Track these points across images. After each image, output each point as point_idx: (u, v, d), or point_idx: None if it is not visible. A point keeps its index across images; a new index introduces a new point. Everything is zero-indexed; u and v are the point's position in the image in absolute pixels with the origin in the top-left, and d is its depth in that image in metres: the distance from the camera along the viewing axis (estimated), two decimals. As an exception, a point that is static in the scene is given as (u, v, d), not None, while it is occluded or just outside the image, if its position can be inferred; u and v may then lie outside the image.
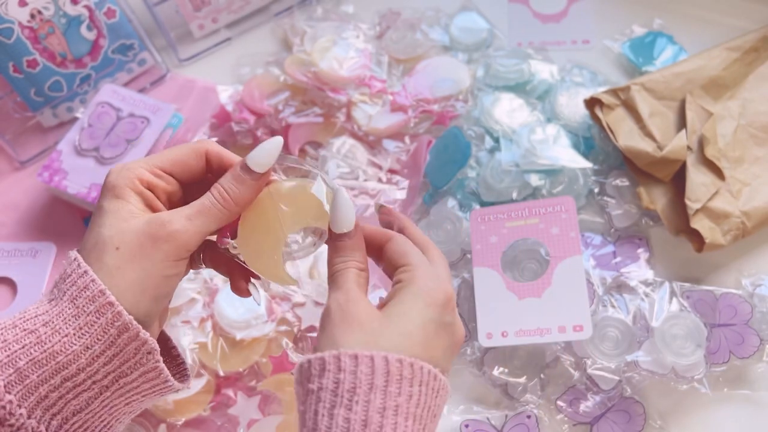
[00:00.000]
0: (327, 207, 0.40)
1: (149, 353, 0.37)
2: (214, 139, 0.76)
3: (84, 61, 0.76)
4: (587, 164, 0.66)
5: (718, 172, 0.64)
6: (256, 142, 0.74)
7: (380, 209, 0.44)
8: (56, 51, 0.74)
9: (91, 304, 0.35)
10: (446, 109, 0.73)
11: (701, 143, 0.64)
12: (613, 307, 0.60)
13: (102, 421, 0.38)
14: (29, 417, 0.34)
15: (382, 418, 0.32)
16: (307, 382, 0.34)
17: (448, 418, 0.59)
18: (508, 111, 0.71)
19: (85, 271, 0.36)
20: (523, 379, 0.59)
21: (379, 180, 0.70)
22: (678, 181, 0.64)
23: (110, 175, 0.39)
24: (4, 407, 0.34)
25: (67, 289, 0.36)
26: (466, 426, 0.57)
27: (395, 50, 0.79)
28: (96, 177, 0.69)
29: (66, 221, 0.73)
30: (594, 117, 0.68)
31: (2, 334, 0.35)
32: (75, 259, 0.37)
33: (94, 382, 0.36)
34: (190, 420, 0.59)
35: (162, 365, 0.38)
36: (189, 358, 0.59)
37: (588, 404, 0.58)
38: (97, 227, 0.38)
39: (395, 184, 0.70)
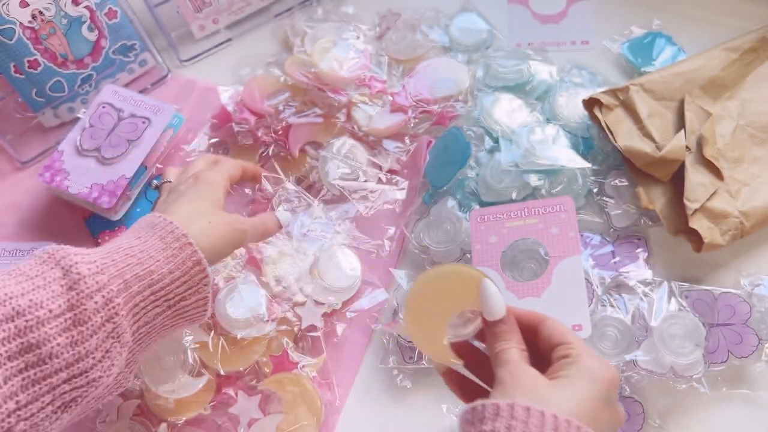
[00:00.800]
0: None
1: (206, 285, 0.50)
2: (215, 140, 0.76)
3: (85, 62, 0.77)
4: (586, 164, 0.66)
5: (716, 172, 0.64)
6: (257, 142, 0.74)
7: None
8: (57, 51, 0.74)
9: (176, 242, 0.48)
10: (446, 110, 0.73)
11: (700, 143, 0.65)
12: (612, 306, 0.60)
13: (152, 337, 0.48)
14: (125, 318, 0.44)
15: None
16: (480, 424, 0.36)
17: (447, 418, 0.59)
18: (507, 111, 0.71)
19: (171, 222, 0.49)
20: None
21: (379, 180, 0.71)
22: (677, 181, 0.64)
23: (208, 176, 0.57)
24: (113, 308, 0.43)
25: (156, 232, 0.49)
26: (466, 425, 0.57)
27: (395, 51, 0.80)
28: (97, 177, 0.69)
29: (67, 221, 0.73)
30: (593, 117, 0.68)
31: (110, 255, 0.46)
32: (160, 215, 0.50)
33: (165, 300, 0.47)
34: (190, 419, 0.59)
35: (209, 294, 0.50)
36: (190, 357, 0.60)
37: (587, 403, 0.58)
38: (197, 202, 0.54)
39: (395, 184, 0.70)
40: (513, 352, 0.41)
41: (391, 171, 0.72)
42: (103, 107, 0.73)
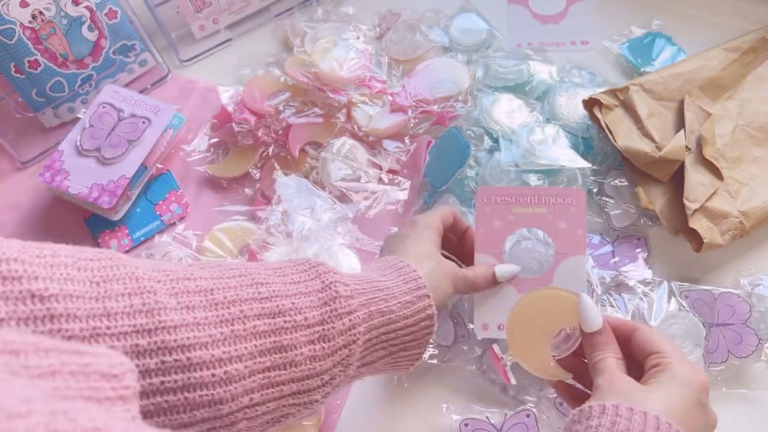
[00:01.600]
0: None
1: (427, 341, 0.49)
2: (215, 140, 0.76)
3: (85, 62, 0.77)
4: (586, 164, 0.66)
5: (716, 173, 0.64)
6: (257, 142, 0.74)
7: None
8: (58, 52, 0.74)
9: (417, 291, 0.48)
10: (446, 110, 0.73)
11: (700, 143, 0.65)
12: (612, 306, 0.60)
13: (352, 379, 0.47)
14: (359, 347, 0.44)
15: None
16: (587, 420, 0.39)
17: (447, 417, 0.59)
18: (507, 111, 0.71)
19: (414, 270, 0.49)
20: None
21: (381, 181, 0.71)
22: (676, 181, 0.64)
23: (427, 218, 0.56)
24: (355, 334, 0.43)
25: (400, 274, 0.49)
26: (466, 425, 0.57)
27: (395, 51, 0.80)
28: (97, 177, 0.69)
29: (67, 221, 0.73)
30: (593, 117, 0.68)
31: (361, 283, 0.46)
32: (402, 260, 0.50)
33: (392, 345, 0.47)
34: (191, 419, 0.59)
35: (425, 350, 0.50)
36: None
37: (587, 403, 0.58)
38: (425, 244, 0.53)
39: (397, 184, 0.70)
40: (610, 361, 0.44)
41: (391, 171, 0.72)
42: (104, 107, 0.73)
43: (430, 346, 0.60)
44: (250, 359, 0.38)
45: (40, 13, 0.71)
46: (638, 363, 0.44)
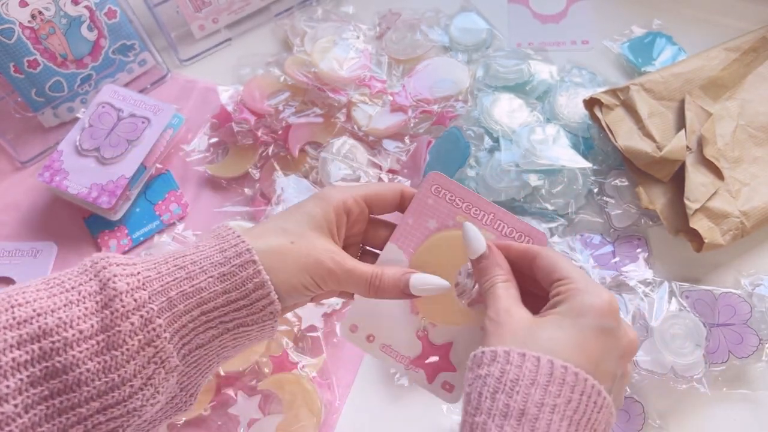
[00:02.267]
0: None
1: (272, 313, 0.41)
2: (214, 139, 0.76)
3: (85, 62, 0.77)
4: (587, 164, 0.66)
5: (717, 172, 0.64)
6: (257, 142, 0.74)
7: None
8: (57, 51, 0.74)
9: (237, 258, 0.40)
10: (446, 110, 0.73)
11: (700, 143, 0.65)
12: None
13: (211, 361, 0.42)
14: (169, 342, 0.38)
15: (539, 411, 0.34)
16: (477, 368, 0.36)
17: (447, 418, 0.59)
18: (507, 111, 0.71)
19: (238, 235, 0.41)
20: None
21: (380, 181, 0.71)
22: (677, 181, 0.64)
23: (328, 190, 0.44)
24: (154, 329, 0.37)
25: (218, 243, 0.41)
26: (466, 425, 0.57)
27: (395, 51, 0.79)
28: (96, 177, 0.69)
29: (67, 221, 0.73)
30: (593, 117, 0.68)
31: (156, 267, 0.40)
32: (230, 228, 0.42)
33: (221, 322, 0.40)
34: (190, 419, 0.59)
35: (276, 326, 0.42)
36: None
37: (587, 403, 0.58)
38: (286, 218, 0.43)
39: (395, 184, 0.70)
40: (496, 289, 0.40)
41: (391, 171, 0.72)
42: (103, 107, 0.73)
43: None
44: (19, 395, 0.34)
45: (40, 12, 0.71)
46: (546, 291, 0.40)
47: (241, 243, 0.40)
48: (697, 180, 0.63)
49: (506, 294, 0.40)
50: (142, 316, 0.37)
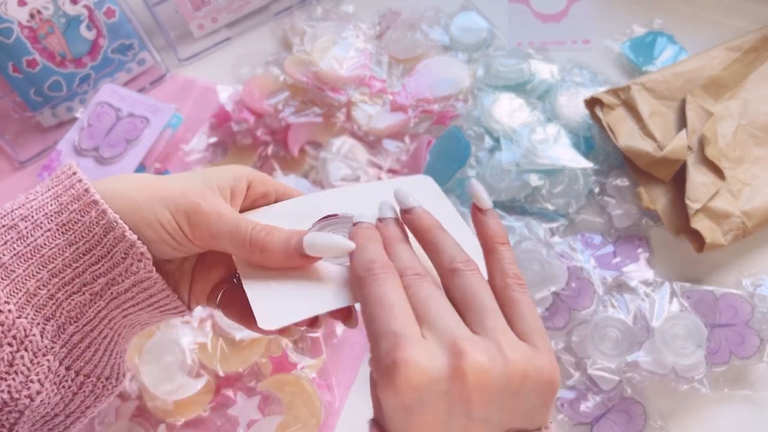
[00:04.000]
0: None
1: (140, 261, 0.33)
2: (213, 139, 0.76)
3: (83, 61, 0.76)
4: (587, 164, 0.66)
5: (718, 172, 0.64)
6: (256, 142, 0.73)
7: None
8: (56, 51, 0.74)
9: (75, 202, 0.33)
10: (446, 109, 0.73)
11: (701, 143, 0.64)
12: (614, 307, 0.60)
13: (104, 337, 0.35)
14: (19, 316, 0.32)
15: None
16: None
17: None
18: (508, 111, 0.71)
19: (74, 172, 0.34)
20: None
21: (380, 180, 0.70)
22: (678, 181, 0.64)
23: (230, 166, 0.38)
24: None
25: (53, 187, 0.34)
26: (466, 426, 0.57)
27: (395, 50, 0.79)
28: (95, 177, 0.68)
29: (65, 221, 0.73)
30: (594, 117, 0.68)
31: None
32: (69, 165, 0.35)
33: (84, 284, 0.33)
34: (189, 420, 0.59)
35: (156, 275, 0.34)
36: (189, 358, 0.59)
37: (588, 404, 0.58)
38: (170, 178, 0.36)
39: (395, 184, 0.70)
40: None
41: (391, 171, 0.71)
42: (102, 107, 0.73)
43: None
44: None
45: (38, 12, 0.71)
46: None
47: (78, 183, 0.34)
48: (698, 180, 0.62)
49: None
50: None
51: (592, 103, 0.68)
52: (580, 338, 0.59)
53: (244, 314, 0.39)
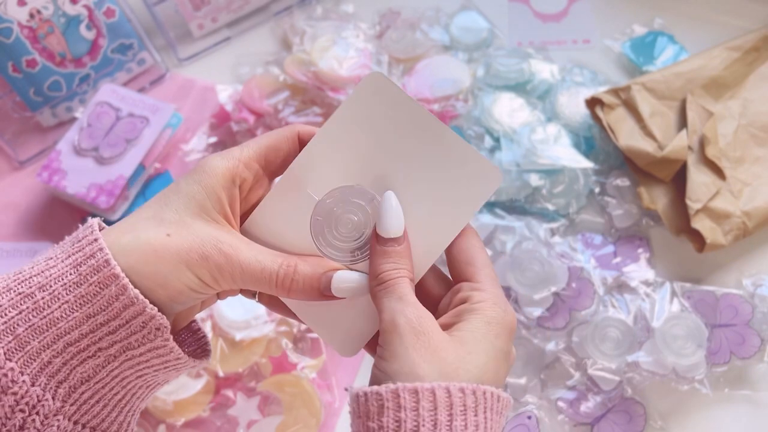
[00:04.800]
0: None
1: (158, 329, 0.33)
2: (213, 139, 0.76)
3: (83, 61, 0.76)
4: (588, 164, 0.66)
5: (718, 172, 0.64)
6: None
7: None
8: (55, 50, 0.74)
9: (94, 274, 0.32)
10: (446, 109, 0.73)
11: (702, 143, 0.64)
12: (614, 307, 0.60)
13: (114, 394, 0.35)
14: (33, 384, 0.32)
15: None
16: (366, 419, 0.31)
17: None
18: (508, 111, 0.71)
19: (96, 239, 0.33)
20: (523, 380, 0.59)
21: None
22: (679, 181, 0.64)
23: (208, 160, 0.36)
24: (6, 375, 0.31)
25: (73, 254, 0.33)
26: (467, 426, 0.57)
27: (395, 50, 0.79)
28: (95, 177, 0.69)
29: (65, 221, 0.73)
30: (595, 117, 0.68)
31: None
32: (90, 225, 0.34)
33: (99, 349, 0.33)
34: (189, 420, 0.59)
35: (172, 344, 0.34)
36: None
37: (588, 405, 0.57)
38: (163, 202, 0.35)
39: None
40: (405, 282, 0.34)
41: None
42: (101, 106, 0.73)
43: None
44: None
45: (38, 11, 0.71)
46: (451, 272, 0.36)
47: (99, 252, 0.33)
48: (698, 180, 0.62)
49: (413, 297, 0.34)
50: None
51: (593, 102, 0.68)
52: (580, 338, 0.59)
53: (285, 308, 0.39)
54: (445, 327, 0.33)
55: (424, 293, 0.36)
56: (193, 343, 0.40)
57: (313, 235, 0.36)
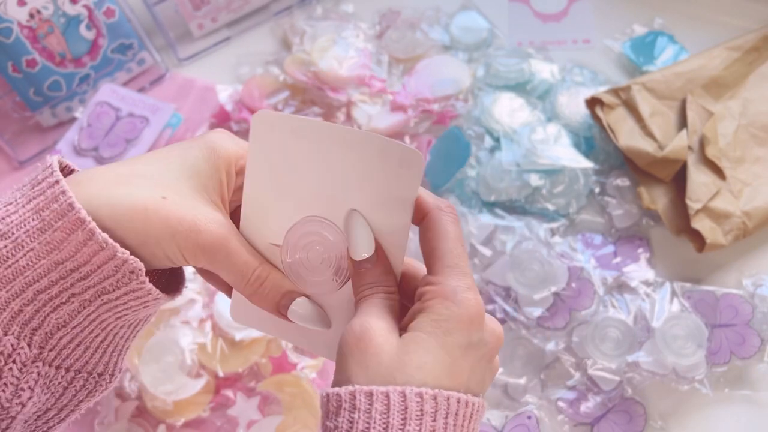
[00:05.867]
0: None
1: (132, 272, 0.32)
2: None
3: (83, 61, 0.76)
4: (588, 164, 0.66)
5: (718, 172, 0.64)
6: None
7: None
8: (55, 50, 0.74)
9: (58, 219, 0.31)
10: (446, 109, 0.73)
11: (702, 143, 0.64)
12: (614, 307, 0.60)
13: (95, 336, 0.34)
14: (6, 334, 0.31)
15: None
16: (326, 419, 0.31)
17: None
18: (508, 110, 0.71)
19: (57, 181, 0.31)
20: (523, 380, 0.59)
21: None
22: (679, 181, 0.64)
23: (220, 139, 0.35)
24: None
25: (33, 198, 0.32)
26: (467, 427, 0.57)
27: (395, 50, 0.79)
28: (95, 177, 0.69)
29: (65, 221, 0.73)
30: (595, 117, 0.68)
31: None
32: (49, 166, 0.32)
33: (72, 295, 0.32)
34: (189, 421, 0.59)
35: (149, 285, 0.33)
36: (188, 358, 0.59)
37: (588, 405, 0.57)
38: (161, 161, 0.33)
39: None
40: (374, 299, 0.34)
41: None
42: (101, 106, 0.73)
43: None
44: None
45: (38, 11, 0.71)
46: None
47: (61, 195, 0.31)
48: (698, 180, 0.62)
49: (384, 306, 0.33)
50: None
51: (593, 102, 0.68)
52: (580, 338, 0.59)
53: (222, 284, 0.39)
54: (402, 329, 0.33)
55: (410, 295, 0.36)
56: (167, 272, 0.39)
57: (292, 278, 0.35)
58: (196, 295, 0.62)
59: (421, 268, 0.36)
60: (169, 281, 0.39)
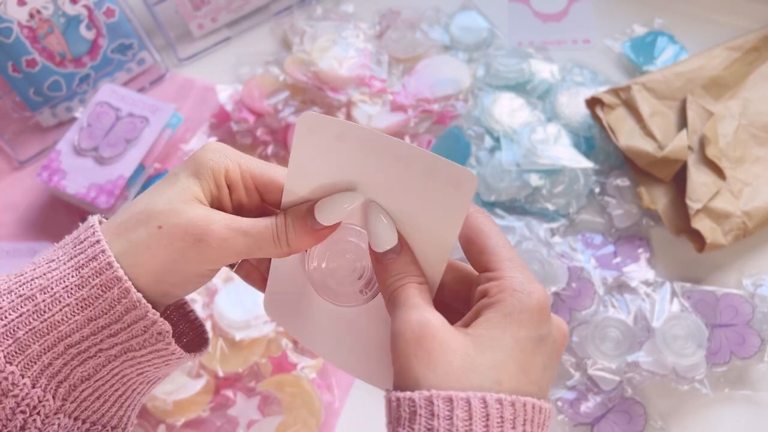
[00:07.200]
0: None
1: (159, 334, 0.33)
2: (213, 139, 0.76)
3: (83, 61, 0.76)
4: (588, 164, 0.66)
5: (719, 172, 0.63)
6: (256, 141, 0.73)
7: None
8: (55, 50, 0.74)
9: (96, 277, 0.32)
10: (446, 109, 0.73)
11: (702, 143, 0.64)
12: (614, 307, 0.60)
13: (115, 390, 0.35)
14: (34, 386, 0.32)
15: None
16: (397, 425, 0.30)
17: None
18: (508, 110, 0.71)
19: (98, 240, 0.33)
20: (523, 380, 0.59)
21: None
22: (679, 181, 0.64)
23: (205, 152, 0.36)
24: (6, 378, 0.31)
25: (75, 256, 0.33)
26: (467, 427, 0.57)
27: (395, 50, 0.79)
28: (95, 177, 0.69)
29: (65, 221, 0.73)
30: (595, 117, 0.68)
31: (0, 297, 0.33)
32: (92, 226, 0.34)
33: (100, 350, 0.33)
34: (189, 420, 0.59)
35: (174, 346, 0.34)
36: (188, 358, 0.59)
37: (589, 405, 0.57)
38: (152, 196, 0.34)
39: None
40: (411, 288, 0.32)
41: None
42: (101, 106, 0.73)
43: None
44: None
45: (38, 11, 0.71)
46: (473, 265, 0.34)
47: (101, 254, 0.33)
48: (698, 180, 0.62)
49: (423, 302, 0.32)
50: None
51: (593, 102, 0.68)
52: (580, 338, 0.59)
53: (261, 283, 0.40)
54: (465, 326, 0.31)
55: (449, 296, 0.35)
56: (190, 332, 0.41)
57: (316, 288, 0.35)
58: (195, 296, 0.62)
59: (469, 267, 0.35)
60: (192, 341, 0.40)
